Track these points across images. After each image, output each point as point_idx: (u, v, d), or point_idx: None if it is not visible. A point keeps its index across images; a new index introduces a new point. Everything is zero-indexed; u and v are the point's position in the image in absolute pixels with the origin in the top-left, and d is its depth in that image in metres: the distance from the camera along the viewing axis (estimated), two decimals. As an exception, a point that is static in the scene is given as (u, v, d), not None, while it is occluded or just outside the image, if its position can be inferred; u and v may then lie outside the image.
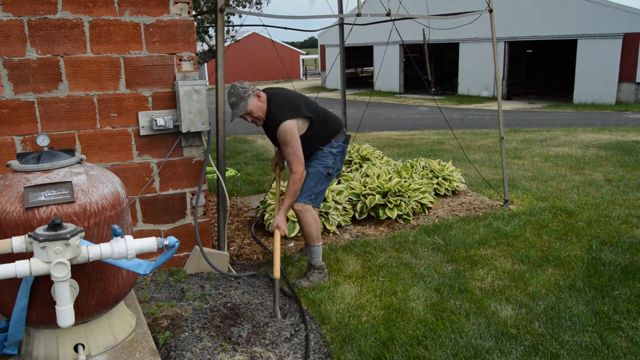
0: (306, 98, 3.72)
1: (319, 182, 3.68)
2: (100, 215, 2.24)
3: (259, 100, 3.52)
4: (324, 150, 3.68)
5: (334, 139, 3.71)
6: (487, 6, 5.10)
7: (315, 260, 3.76)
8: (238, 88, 3.49)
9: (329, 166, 3.69)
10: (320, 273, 3.74)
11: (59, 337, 2.28)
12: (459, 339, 2.90)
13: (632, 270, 3.72)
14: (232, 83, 3.55)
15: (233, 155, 9.36)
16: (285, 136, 3.47)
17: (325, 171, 3.68)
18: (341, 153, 3.76)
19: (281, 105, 3.55)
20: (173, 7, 3.49)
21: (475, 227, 4.72)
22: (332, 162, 3.70)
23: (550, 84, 23.33)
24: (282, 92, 3.71)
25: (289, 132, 3.46)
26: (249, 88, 3.50)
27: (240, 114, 3.51)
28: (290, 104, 3.56)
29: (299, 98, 3.67)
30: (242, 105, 3.49)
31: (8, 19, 3.09)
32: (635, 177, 6.65)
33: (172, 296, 3.35)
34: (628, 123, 13.37)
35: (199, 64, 6.28)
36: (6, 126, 3.20)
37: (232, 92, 3.51)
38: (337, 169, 3.78)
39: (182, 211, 3.83)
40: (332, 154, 3.69)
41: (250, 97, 3.49)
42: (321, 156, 3.68)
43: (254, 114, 3.53)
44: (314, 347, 2.88)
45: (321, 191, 3.74)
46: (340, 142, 3.74)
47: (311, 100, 3.73)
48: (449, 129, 11.48)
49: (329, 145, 3.69)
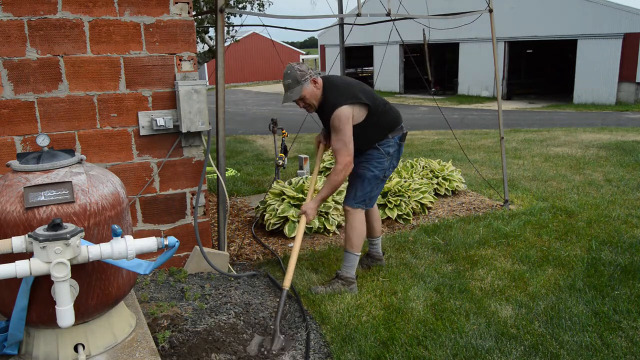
0: (364, 86, 3.49)
1: (374, 187, 3.51)
2: (100, 215, 2.24)
3: (315, 86, 3.33)
4: (381, 151, 3.46)
5: (392, 134, 3.48)
6: (487, 6, 5.10)
7: (345, 270, 3.53)
8: (296, 70, 3.31)
9: (385, 168, 3.49)
10: (345, 284, 3.48)
11: (59, 337, 2.28)
12: (459, 339, 2.90)
13: (632, 270, 3.72)
14: (289, 63, 3.38)
15: (233, 155, 9.36)
16: (339, 122, 3.25)
17: (382, 174, 3.50)
18: (397, 152, 3.55)
19: (338, 90, 3.35)
20: (173, 7, 3.49)
21: (475, 227, 4.72)
22: (389, 164, 3.51)
23: (550, 84, 23.33)
24: (339, 78, 3.57)
25: (344, 118, 3.24)
26: (306, 72, 3.32)
27: (294, 98, 3.33)
28: (348, 90, 3.35)
29: (357, 85, 3.45)
30: (296, 90, 3.30)
31: (8, 19, 3.09)
32: (635, 177, 6.65)
33: (172, 296, 3.35)
34: (628, 123, 13.37)
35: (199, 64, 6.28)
36: (6, 126, 3.20)
37: (289, 73, 3.32)
38: (393, 168, 3.59)
39: (182, 211, 3.83)
40: (389, 154, 3.48)
41: (307, 82, 3.30)
42: (377, 157, 3.46)
43: (307, 100, 3.35)
44: (314, 347, 2.88)
45: (375, 195, 3.58)
46: (397, 140, 3.51)
47: (369, 88, 3.50)
48: (449, 129, 11.47)
49: (385, 142, 3.45)
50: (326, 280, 3.66)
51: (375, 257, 3.92)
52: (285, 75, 3.34)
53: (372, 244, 3.92)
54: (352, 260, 3.52)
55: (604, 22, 17.72)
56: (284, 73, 3.36)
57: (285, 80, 3.34)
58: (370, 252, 3.93)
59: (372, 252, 3.93)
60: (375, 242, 3.91)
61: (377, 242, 3.91)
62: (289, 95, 3.34)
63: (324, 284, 3.59)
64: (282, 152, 5.93)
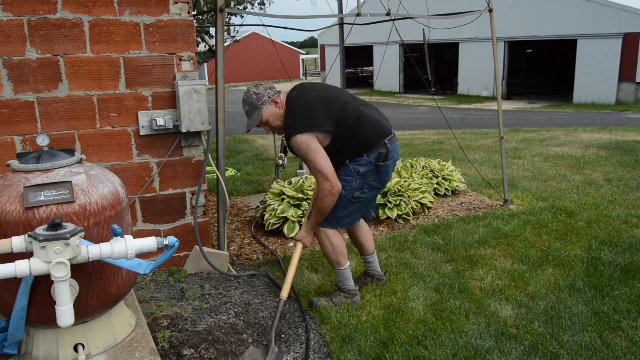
0: (337, 98, 3.09)
1: (340, 208, 3.12)
2: (100, 215, 2.24)
3: (276, 107, 3.07)
4: (350, 168, 3.08)
5: (367, 153, 3.06)
6: (487, 6, 5.10)
7: (342, 283, 3.32)
8: (252, 95, 3.06)
9: (354, 189, 3.08)
10: (347, 297, 3.29)
11: (59, 337, 2.28)
12: (459, 339, 2.90)
13: (632, 270, 3.72)
14: (247, 89, 3.14)
15: (233, 155, 9.36)
16: (300, 150, 2.96)
17: (350, 195, 3.09)
18: (374, 172, 3.09)
19: (296, 115, 3.01)
20: (173, 7, 3.49)
21: (475, 227, 4.72)
22: (359, 184, 3.08)
23: (550, 84, 23.35)
24: (305, 94, 3.10)
25: (304, 145, 2.93)
26: (264, 94, 3.05)
27: (254, 125, 3.09)
28: (307, 115, 2.98)
29: (324, 102, 3.04)
30: (255, 116, 3.07)
31: (8, 19, 3.09)
32: (635, 177, 6.65)
33: (172, 296, 3.35)
34: (628, 123, 13.37)
35: (199, 64, 6.28)
36: (6, 126, 3.20)
37: (245, 99, 3.09)
38: (370, 189, 3.14)
39: (182, 211, 3.83)
40: (359, 174, 3.07)
41: (265, 105, 3.05)
42: (345, 175, 3.09)
43: (271, 123, 3.10)
44: (314, 346, 2.88)
45: (345, 216, 3.18)
46: (372, 159, 3.06)
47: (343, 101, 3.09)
48: (449, 129, 11.47)
49: (356, 161, 3.07)
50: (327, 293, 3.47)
51: (374, 277, 3.59)
52: (243, 102, 3.10)
53: (367, 262, 3.59)
54: (342, 274, 3.30)
55: (604, 22, 17.73)
56: (242, 99, 3.13)
57: (243, 107, 3.11)
58: (368, 272, 3.60)
59: (369, 272, 3.60)
60: (370, 260, 3.57)
61: (372, 260, 3.57)
62: (250, 123, 3.11)
63: (325, 297, 3.38)
64: (282, 152, 5.93)
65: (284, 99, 3.10)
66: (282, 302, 3.02)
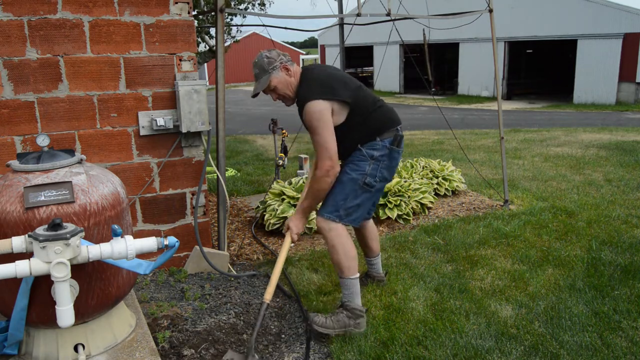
0: (353, 81, 2.96)
1: (350, 195, 2.89)
2: (100, 215, 2.24)
3: (287, 74, 2.86)
4: (363, 152, 2.90)
5: (381, 136, 2.90)
6: (487, 6, 5.10)
7: (347, 298, 2.91)
8: (263, 58, 2.86)
9: (365, 173, 2.88)
10: (351, 317, 2.88)
11: (59, 337, 2.28)
12: (459, 339, 2.90)
13: (632, 270, 3.72)
14: (259, 52, 2.96)
15: (233, 155, 9.36)
16: (311, 120, 2.72)
17: (361, 179, 2.88)
18: (387, 159, 2.92)
19: (314, 81, 2.81)
20: (173, 7, 3.49)
21: (475, 227, 4.72)
22: (372, 169, 2.89)
23: (550, 84, 23.36)
24: (324, 69, 2.97)
25: (317, 114, 2.71)
26: (276, 59, 2.85)
27: (260, 89, 2.89)
28: (326, 82, 2.81)
29: (341, 77, 2.91)
30: (263, 80, 2.86)
31: (8, 19, 3.09)
32: (635, 177, 6.65)
33: (172, 296, 3.35)
34: (628, 123, 13.37)
35: (199, 64, 6.28)
36: (6, 126, 3.20)
37: (256, 62, 2.89)
38: (382, 179, 2.96)
39: (182, 211, 3.83)
40: (372, 158, 2.89)
41: (276, 70, 2.85)
42: (358, 159, 2.91)
43: (279, 90, 2.89)
44: (313, 346, 2.88)
45: (354, 206, 2.91)
46: (387, 143, 2.91)
47: (358, 84, 2.96)
48: (449, 129, 11.47)
49: (369, 145, 2.90)
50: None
51: (375, 278, 3.52)
52: (254, 64, 2.91)
53: (370, 264, 3.49)
54: (350, 286, 2.90)
55: (604, 22, 17.74)
56: (253, 62, 2.94)
57: (253, 70, 2.92)
58: (370, 273, 3.52)
59: (371, 273, 3.52)
60: (374, 262, 3.48)
61: (375, 262, 3.48)
62: (256, 87, 2.91)
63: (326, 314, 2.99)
64: (282, 152, 5.94)
65: (298, 70, 2.93)
66: (264, 305, 2.74)
